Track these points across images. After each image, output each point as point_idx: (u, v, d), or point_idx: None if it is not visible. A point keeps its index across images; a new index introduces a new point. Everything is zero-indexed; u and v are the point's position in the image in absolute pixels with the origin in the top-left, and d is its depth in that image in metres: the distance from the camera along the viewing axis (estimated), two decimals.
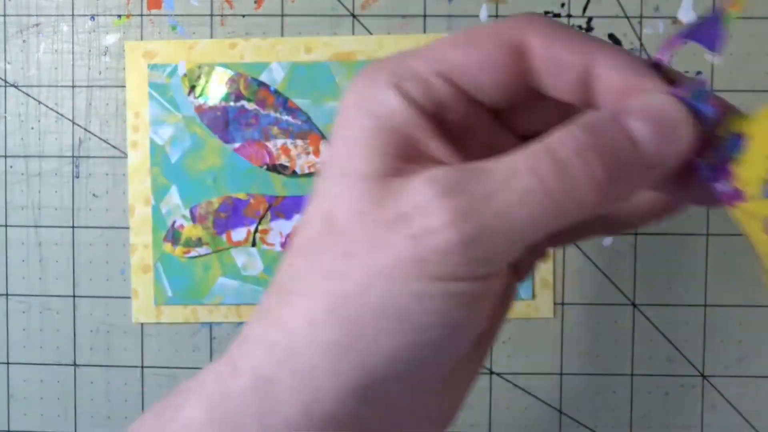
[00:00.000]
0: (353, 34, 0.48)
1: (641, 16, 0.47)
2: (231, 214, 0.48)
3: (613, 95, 0.19)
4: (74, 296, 0.49)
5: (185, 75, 0.47)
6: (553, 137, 0.18)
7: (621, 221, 0.23)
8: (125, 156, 0.48)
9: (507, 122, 0.22)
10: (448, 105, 0.20)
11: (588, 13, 0.47)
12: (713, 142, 0.18)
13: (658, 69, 0.20)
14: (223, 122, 0.47)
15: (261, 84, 0.47)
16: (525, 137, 0.21)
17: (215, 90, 0.47)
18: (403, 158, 0.19)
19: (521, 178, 0.17)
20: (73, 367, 0.49)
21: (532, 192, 0.17)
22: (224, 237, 0.48)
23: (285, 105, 0.47)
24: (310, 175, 0.47)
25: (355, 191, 0.19)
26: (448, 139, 0.20)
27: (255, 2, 0.48)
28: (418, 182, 0.18)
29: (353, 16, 0.48)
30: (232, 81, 0.47)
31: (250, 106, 0.47)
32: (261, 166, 0.47)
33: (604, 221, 0.23)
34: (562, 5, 0.47)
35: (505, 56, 0.19)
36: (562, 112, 0.21)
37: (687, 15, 0.47)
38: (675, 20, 0.47)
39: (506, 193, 0.17)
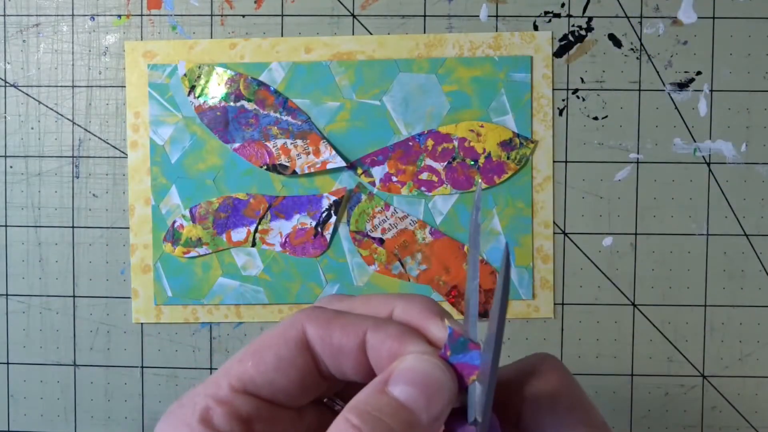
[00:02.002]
0: (353, 34, 0.48)
1: (641, 16, 0.47)
2: (231, 214, 0.48)
3: (385, 365, 0.21)
4: (74, 296, 0.49)
5: (185, 75, 0.47)
6: None
7: None
8: (125, 156, 0.48)
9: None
10: (254, 416, 0.21)
11: (588, 13, 0.47)
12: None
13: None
14: (223, 122, 0.47)
15: (261, 84, 0.47)
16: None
17: (215, 90, 0.47)
18: None
19: None
20: (73, 367, 0.49)
21: None
22: (224, 237, 0.48)
23: (285, 105, 0.47)
24: (310, 175, 0.47)
25: None
26: None
27: (255, 2, 0.48)
28: None
29: (353, 16, 0.48)
30: (232, 81, 0.47)
31: (250, 106, 0.47)
32: (261, 166, 0.47)
33: None
34: (562, 5, 0.47)
35: (293, 353, 0.21)
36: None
37: (687, 15, 0.47)
38: (675, 20, 0.47)
39: None
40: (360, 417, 0.19)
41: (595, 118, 0.47)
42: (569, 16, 0.47)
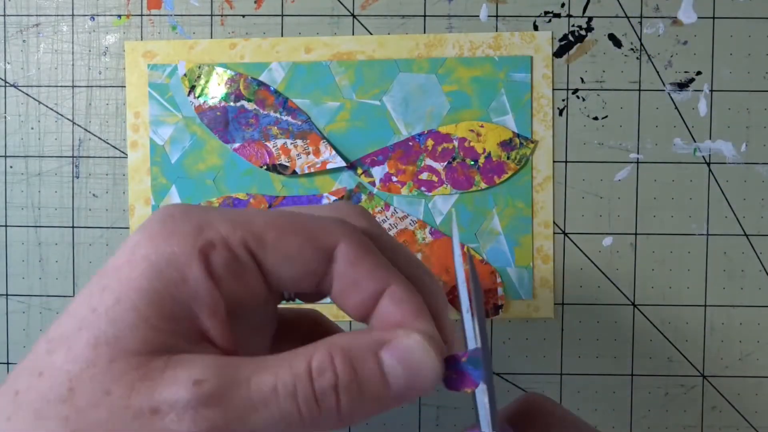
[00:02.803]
0: (353, 34, 0.48)
1: (641, 16, 0.47)
2: None
3: (386, 325, 0.20)
4: (74, 296, 0.49)
5: (185, 75, 0.47)
6: (316, 359, 0.18)
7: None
8: (125, 156, 0.48)
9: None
10: (244, 281, 0.19)
11: (588, 13, 0.47)
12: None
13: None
14: (223, 122, 0.47)
15: (261, 84, 0.47)
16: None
17: (215, 90, 0.47)
18: (177, 334, 0.18)
19: (281, 401, 0.18)
20: None
21: (287, 417, 0.18)
22: None
23: (285, 105, 0.47)
24: (310, 175, 0.48)
25: (109, 368, 0.17)
26: (230, 314, 0.19)
27: (255, 2, 0.48)
28: (180, 378, 0.17)
29: (353, 16, 0.48)
30: (232, 81, 0.47)
31: (250, 106, 0.47)
32: (261, 166, 0.47)
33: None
34: (562, 5, 0.47)
35: (314, 258, 0.20)
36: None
37: (687, 15, 0.47)
38: (675, 20, 0.47)
39: (263, 413, 0.17)
40: (343, 362, 0.18)
41: (595, 118, 0.47)
42: (569, 16, 0.47)
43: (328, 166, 0.47)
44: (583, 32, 0.47)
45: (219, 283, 0.19)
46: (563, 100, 0.47)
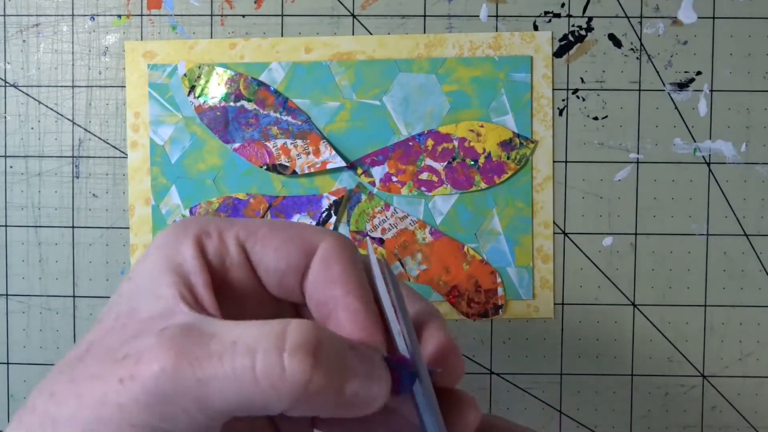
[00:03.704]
0: (353, 34, 0.48)
1: (641, 16, 0.47)
2: (231, 214, 0.48)
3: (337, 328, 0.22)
4: (74, 296, 0.49)
5: (185, 75, 0.47)
6: (294, 322, 0.19)
7: None
8: (125, 156, 0.48)
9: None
10: (233, 267, 0.22)
11: (588, 13, 0.47)
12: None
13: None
14: (223, 122, 0.47)
15: (261, 84, 0.47)
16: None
17: (215, 90, 0.47)
18: (180, 299, 0.20)
19: (238, 354, 0.18)
20: None
21: (240, 376, 0.18)
22: None
23: (285, 105, 0.47)
24: (310, 175, 0.48)
25: (114, 328, 0.20)
26: (224, 291, 0.22)
27: (255, 2, 0.48)
28: (152, 329, 0.19)
29: (353, 16, 0.48)
30: (232, 81, 0.47)
31: (250, 106, 0.47)
32: (261, 166, 0.47)
33: None
34: (562, 5, 0.47)
35: (295, 250, 0.22)
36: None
37: (687, 15, 0.47)
38: (675, 20, 0.47)
39: (215, 366, 0.18)
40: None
41: (595, 118, 0.47)
42: (569, 16, 0.47)
43: (328, 166, 0.47)
44: (583, 32, 0.47)
45: (212, 265, 0.22)
46: (563, 100, 0.47)
